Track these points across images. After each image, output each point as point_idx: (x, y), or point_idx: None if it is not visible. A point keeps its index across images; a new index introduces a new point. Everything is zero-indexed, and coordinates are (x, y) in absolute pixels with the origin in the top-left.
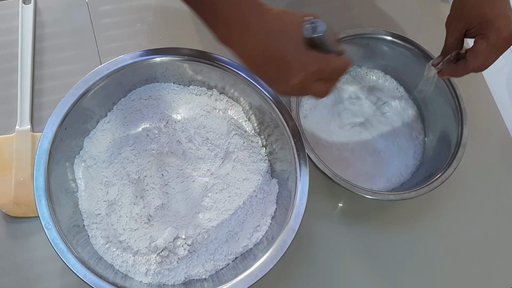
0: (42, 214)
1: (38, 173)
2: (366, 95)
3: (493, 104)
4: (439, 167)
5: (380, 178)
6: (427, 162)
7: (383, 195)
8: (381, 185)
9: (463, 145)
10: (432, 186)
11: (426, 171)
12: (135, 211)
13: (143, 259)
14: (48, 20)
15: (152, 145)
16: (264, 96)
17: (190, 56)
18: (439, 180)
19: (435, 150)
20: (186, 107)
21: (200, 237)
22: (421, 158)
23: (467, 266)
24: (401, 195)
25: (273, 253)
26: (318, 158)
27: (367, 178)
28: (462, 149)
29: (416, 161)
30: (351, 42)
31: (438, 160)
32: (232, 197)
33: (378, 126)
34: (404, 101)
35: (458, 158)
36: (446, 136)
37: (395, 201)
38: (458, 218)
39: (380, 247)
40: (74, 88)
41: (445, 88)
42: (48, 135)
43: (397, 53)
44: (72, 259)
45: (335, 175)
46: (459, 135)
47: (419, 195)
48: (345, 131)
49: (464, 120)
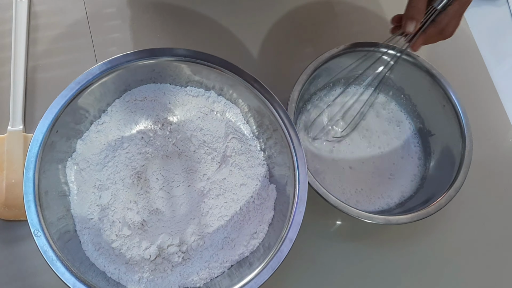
0: (31, 221)
1: (28, 177)
2: (366, 110)
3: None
4: (441, 189)
5: (379, 197)
6: (429, 182)
7: (380, 219)
8: (380, 204)
9: (466, 165)
10: (429, 211)
11: (427, 192)
12: (128, 216)
13: (136, 266)
14: (44, 22)
15: (147, 148)
16: (263, 99)
17: (188, 56)
18: (437, 205)
19: (438, 170)
20: (183, 108)
21: (195, 244)
22: (423, 177)
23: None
24: (397, 219)
25: (269, 263)
26: (314, 178)
27: (366, 196)
28: (463, 174)
29: (417, 180)
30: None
31: (440, 180)
32: (229, 203)
33: (378, 143)
34: (404, 116)
35: (458, 183)
36: (449, 154)
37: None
38: (458, 241)
39: (377, 267)
40: (66, 89)
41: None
42: (38, 138)
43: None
44: (62, 268)
45: (330, 196)
46: (462, 153)
47: (415, 220)
48: (342, 146)
49: (466, 137)
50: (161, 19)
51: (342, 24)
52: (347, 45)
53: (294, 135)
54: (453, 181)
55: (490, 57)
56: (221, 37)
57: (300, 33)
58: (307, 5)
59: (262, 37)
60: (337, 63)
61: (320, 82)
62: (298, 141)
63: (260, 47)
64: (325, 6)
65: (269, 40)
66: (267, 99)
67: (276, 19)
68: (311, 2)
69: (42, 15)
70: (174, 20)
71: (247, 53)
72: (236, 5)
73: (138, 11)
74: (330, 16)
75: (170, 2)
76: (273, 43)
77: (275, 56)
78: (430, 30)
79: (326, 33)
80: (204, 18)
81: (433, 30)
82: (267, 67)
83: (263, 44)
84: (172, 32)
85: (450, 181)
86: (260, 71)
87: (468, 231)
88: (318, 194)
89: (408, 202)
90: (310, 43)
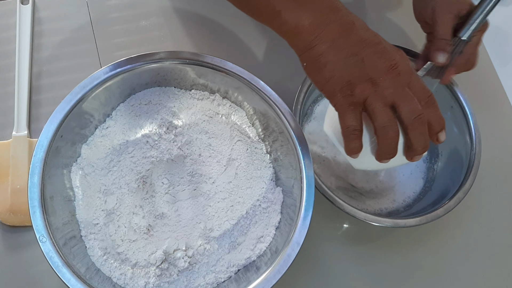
0: (37, 227)
1: (33, 183)
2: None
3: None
4: (449, 191)
5: (387, 199)
6: (437, 184)
7: (388, 222)
8: (387, 206)
9: (475, 166)
10: (437, 214)
11: (435, 194)
12: (134, 221)
13: (142, 271)
14: (48, 27)
15: (152, 152)
16: (269, 101)
17: (192, 59)
18: (445, 207)
19: (446, 171)
20: (188, 112)
21: (201, 248)
22: (431, 179)
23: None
24: (405, 222)
25: (276, 267)
26: (320, 180)
27: (373, 198)
28: (472, 176)
29: (425, 182)
30: None
31: (449, 182)
32: (235, 206)
33: None
34: None
35: (467, 185)
36: (458, 156)
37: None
38: (467, 243)
39: (385, 270)
40: (71, 94)
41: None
42: (43, 144)
43: None
44: (68, 274)
45: (336, 199)
46: (471, 155)
47: (424, 223)
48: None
49: (475, 138)
50: (165, 23)
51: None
52: None
53: (300, 137)
54: (462, 183)
55: (498, 57)
56: (226, 40)
57: None
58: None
59: (267, 40)
60: None
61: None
62: (304, 143)
63: (265, 50)
64: None
65: (275, 43)
66: (272, 101)
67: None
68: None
69: (46, 20)
70: (179, 23)
71: (253, 56)
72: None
73: (142, 15)
74: None
75: (174, 5)
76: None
77: (281, 59)
78: (458, 61)
79: None
80: (209, 21)
81: (460, 61)
82: (273, 70)
83: (269, 47)
84: (176, 36)
85: (459, 183)
86: (266, 74)
87: (478, 233)
88: (325, 197)
89: (417, 204)
90: None
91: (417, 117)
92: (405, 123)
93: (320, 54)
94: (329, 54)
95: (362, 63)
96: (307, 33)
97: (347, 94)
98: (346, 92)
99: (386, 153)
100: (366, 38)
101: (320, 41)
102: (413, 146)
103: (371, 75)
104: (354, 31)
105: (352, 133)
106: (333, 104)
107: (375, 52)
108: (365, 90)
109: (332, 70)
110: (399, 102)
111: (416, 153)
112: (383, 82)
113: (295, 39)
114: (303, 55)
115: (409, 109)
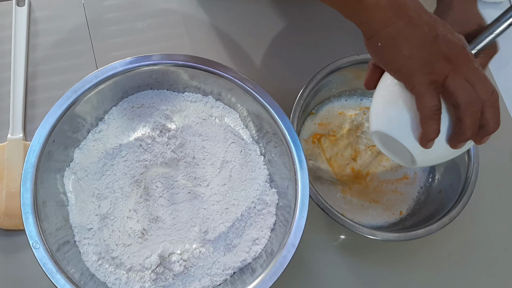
0: (30, 233)
1: (25, 189)
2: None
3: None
4: (450, 200)
5: (384, 211)
6: (435, 194)
7: (389, 236)
8: (385, 219)
9: (472, 183)
10: (431, 229)
11: (434, 204)
12: (128, 225)
13: (137, 276)
14: (44, 27)
15: (146, 155)
16: (262, 102)
17: (185, 61)
18: (440, 222)
19: (443, 185)
20: (181, 115)
21: (197, 251)
22: (428, 190)
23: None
24: (398, 236)
25: (272, 269)
26: (316, 191)
27: (372, 209)
28: (470, 190)
29: (423, 192)
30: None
31: (448, 191)
32: (230, 209)
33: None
34: None
35: (464, 201)
36: (455, 168)
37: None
38: (463, 258)
39: (380, 283)
40: (62, 98)
41: None
42: (35, 149)
43: None
44: (62, 280)
45: (332, 210)
46: (469, 169)
47: (421, 236)
48: (344, 160)
49: (472, 154)
50: (161, 24)
51: (353, 31)
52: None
53: (294, 138)
54: (458, 198)
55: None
56: (223, 42)
57: (306, 41)
58: (314, 11)
59: (264, 43)
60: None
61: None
62: (298, 144)
63: (263, 53)
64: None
65: (273, 48)
66: (266, 102)
67: (282, 27)
68: (322, 10)
69: (42, 21)
70: (174, 24)
71: (249, 58)
72: (238, 12)
73: (138, 16)
74: (340, 24)
75: (170, 8)
76: (277, 51)
77: (278, 64)
78: None
79: (334, 42)
80: (206, 22)
81: None
82: (270, 76)
83: (266, 50)
84: (172, 37)
85: (455, 198)
86: (263, 77)
87: (473, 248)
88: (321, 209)
89: (413, 217)
90: (319, 53)
91: (492, 93)
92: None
93: (399, 31)
94: (407, 31)
95: (437, 41)
96: (386, 9)
97: (427, 73)
98: (426, 71)
99: (469, 129)
100: (434, 16)
101: (398, 18)
102: (486, 126)
103: (446, 52)
104: (424, 8)
105: (435, 113)
106: (411, 85)
107: (447, 30)
108: (445, 68)
109: (412, 48)
110: (474, 79)
111: (485, 134)
112: (458, 59)
113: (372, 16)
114: (379, 34)
115: (482, 87)
